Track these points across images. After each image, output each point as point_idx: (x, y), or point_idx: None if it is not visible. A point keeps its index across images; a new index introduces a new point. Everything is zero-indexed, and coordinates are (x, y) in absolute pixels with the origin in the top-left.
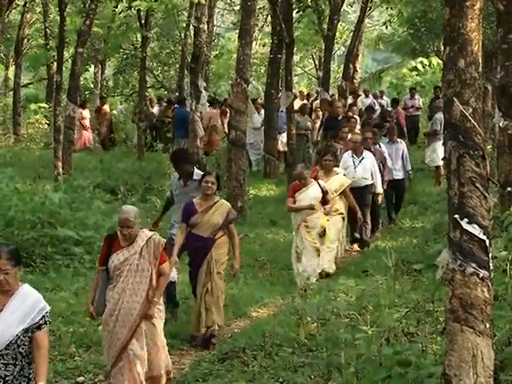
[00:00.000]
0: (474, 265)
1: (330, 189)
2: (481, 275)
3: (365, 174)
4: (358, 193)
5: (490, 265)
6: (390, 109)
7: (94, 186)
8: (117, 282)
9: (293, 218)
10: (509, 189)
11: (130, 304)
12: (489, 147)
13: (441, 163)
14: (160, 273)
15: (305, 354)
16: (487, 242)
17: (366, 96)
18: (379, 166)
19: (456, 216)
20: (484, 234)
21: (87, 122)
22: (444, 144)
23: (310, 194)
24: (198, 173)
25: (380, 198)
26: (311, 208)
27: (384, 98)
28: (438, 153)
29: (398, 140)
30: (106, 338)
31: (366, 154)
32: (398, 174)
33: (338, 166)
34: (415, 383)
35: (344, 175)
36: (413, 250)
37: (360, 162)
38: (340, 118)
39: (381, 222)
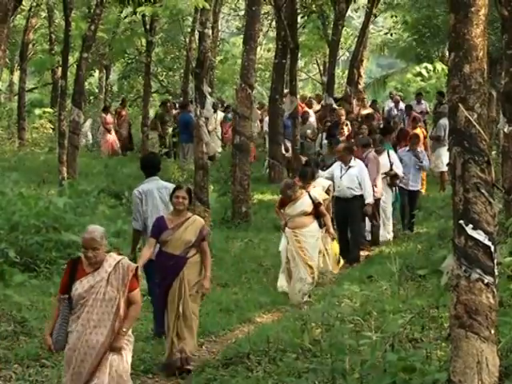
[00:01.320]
0: (478, 271)
1: (303, 204)
2: (486, 281)
3: (351, 184)
4: (345, 204)
5: (495, 271)
6: (395, 112)
7: (98, 191)
8: (81, 313)
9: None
10: None
11: (95, 336)
12: (493, 153)
13: (445, 169)
14: (130, 301)
15: (309, 359)
16: (492, 248)
17: (395, 102)
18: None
19: (461, 222)
20: (489, 239)
21: (111, 127)
22: (449, 150)
23: (298, 206)
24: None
25: (369, 209)
26: (285, 225)
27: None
28: (442, 159)
29: (419, 150)
30: (69, 373)
31: (355, 162)
32: (414, 185)
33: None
34: None
35: (328, 178)
36: (417, 255)
37: (346, 171)
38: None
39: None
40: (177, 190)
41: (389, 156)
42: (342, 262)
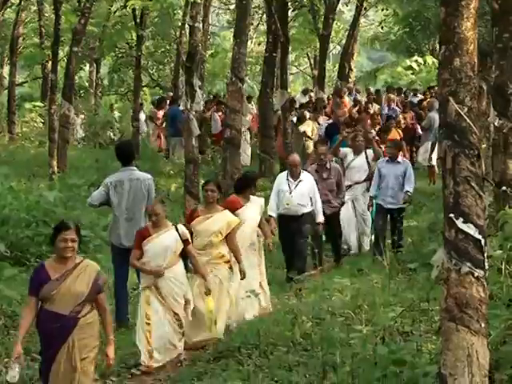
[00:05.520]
0: (469, 264)
1: (207, 230)
2: (476, 274)
3: (302, 200)
4: (294, 223)
5: (485, 264)
6: (386, 112)
7: (88, 185)
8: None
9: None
10: (504, 188)
11: None
12: (483, 146)
13: (434, 162)
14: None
15: (300, 353)
16: (482, 242)
17: (415, 95)
18: (337, 185)
19: (451, 215)
20: (479, 233)
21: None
22: (439, 143)
23: (159, 243)
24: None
25: (320, 228)
26: (157, 273)
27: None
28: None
29: (400, 159)
30: None
31: (304, 175)
32: (394, 203)
33: (253, 194)
34: (410, 382)
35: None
36: (408, 248)
37: (297, 185)
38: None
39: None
40: (63, 231)
41: (366, 157)
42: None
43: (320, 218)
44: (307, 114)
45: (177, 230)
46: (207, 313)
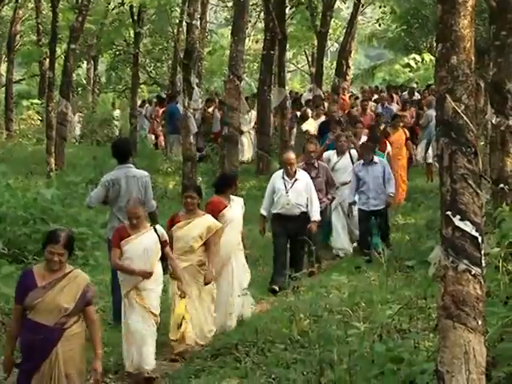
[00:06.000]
0: (466, 261)
1: (187, 235)
2: (473, 272)
3: (299, 200)
4: (292, 223)
5: (483, 262)
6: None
7: (86, 183)
8: None
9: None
10: (501, 185)
11: None
12: (481, 143)
13: (431, 160)
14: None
15: (297, 350)
16: (479, 239)
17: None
18: (326, 184)
19: (448, 213)
20: (476, 230)
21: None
22: (436, 141)
23: (138, 245)
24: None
25: (314, 227)
26: (144, 275)
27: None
28: (428, 149)
29: (376, 159)
30: None
31: (300, 174)
32: (377, 204)
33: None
34: (408, 380)
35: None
36: (405, 246)
37: (293, 184)
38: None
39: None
40: (51, 246)
41: (351, 157)
42: (183, 326)
43: (316, 217)
44: (309, 112)
45: (155, 230)
46: (175, 314)
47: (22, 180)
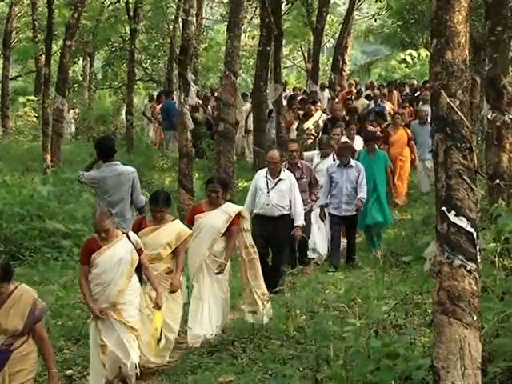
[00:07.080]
0: (461, 257)
1: (154, 242)
2: (468, 267)
3: (280, 201)
4: (271, 225)
5: (478, 257)
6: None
7: None
8: None
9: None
10: (497, 181)
11: None
12: (478, 139)
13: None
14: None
15: (293, 346)
16: (474, 235)
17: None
18: (309, 184)
19: (443, 208)
20: (471, 226)
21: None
22: (431, 136)
23: (112, 255)
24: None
25: (299, 233)
26: (95, 313)
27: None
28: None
29: (353, 163)
30: None
31: (285, 174)
32: (349, 210)
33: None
34: (403, 375)
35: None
36: (402, 242)
37: (276, 184)
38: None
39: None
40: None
41: (334, 161)
42: (163, 341)
43: (299, 221)
44: (313, 110)
45: (129, 238)
46: (151, 329)
47: (19, 177)
